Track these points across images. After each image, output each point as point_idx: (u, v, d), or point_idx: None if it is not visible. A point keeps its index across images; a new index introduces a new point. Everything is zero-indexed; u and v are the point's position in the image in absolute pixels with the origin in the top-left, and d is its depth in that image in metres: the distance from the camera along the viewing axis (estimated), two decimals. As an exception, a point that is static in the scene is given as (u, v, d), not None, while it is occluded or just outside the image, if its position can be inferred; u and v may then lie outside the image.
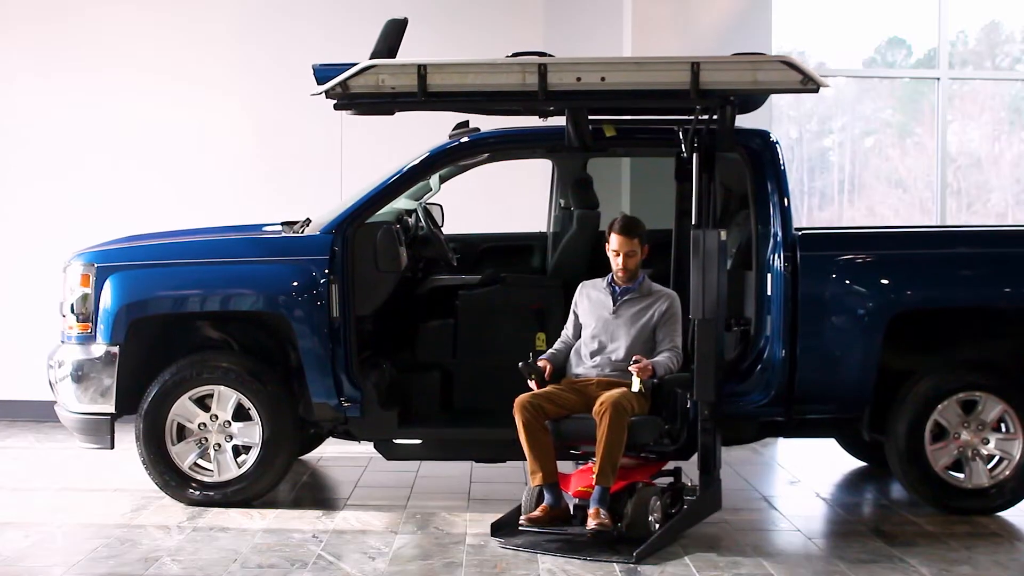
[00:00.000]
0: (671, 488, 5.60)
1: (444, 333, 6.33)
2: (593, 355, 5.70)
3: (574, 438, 5.50)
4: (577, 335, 5.83)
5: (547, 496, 5.40)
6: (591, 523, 5.22)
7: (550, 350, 5.83)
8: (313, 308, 5.75)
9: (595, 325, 5.74)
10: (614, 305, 5.73)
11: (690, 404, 5.50)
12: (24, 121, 8.59)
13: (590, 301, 5.82)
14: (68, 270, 6.04)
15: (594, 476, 5.31)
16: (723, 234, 5.43)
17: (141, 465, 5.95)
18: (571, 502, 5.42)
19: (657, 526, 5.30)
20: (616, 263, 5.72)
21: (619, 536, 5.26)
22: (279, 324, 5.93)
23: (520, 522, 5.38)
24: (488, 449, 6.05)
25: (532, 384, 5.57)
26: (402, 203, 6.57)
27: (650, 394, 5.47)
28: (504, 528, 5.49)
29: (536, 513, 5.37)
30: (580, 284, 5.92)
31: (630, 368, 5.42)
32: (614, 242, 5.70)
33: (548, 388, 5.56)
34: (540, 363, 5.63)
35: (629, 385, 5.39)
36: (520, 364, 5.55)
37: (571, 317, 5.88)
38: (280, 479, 6.01)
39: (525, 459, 5.40)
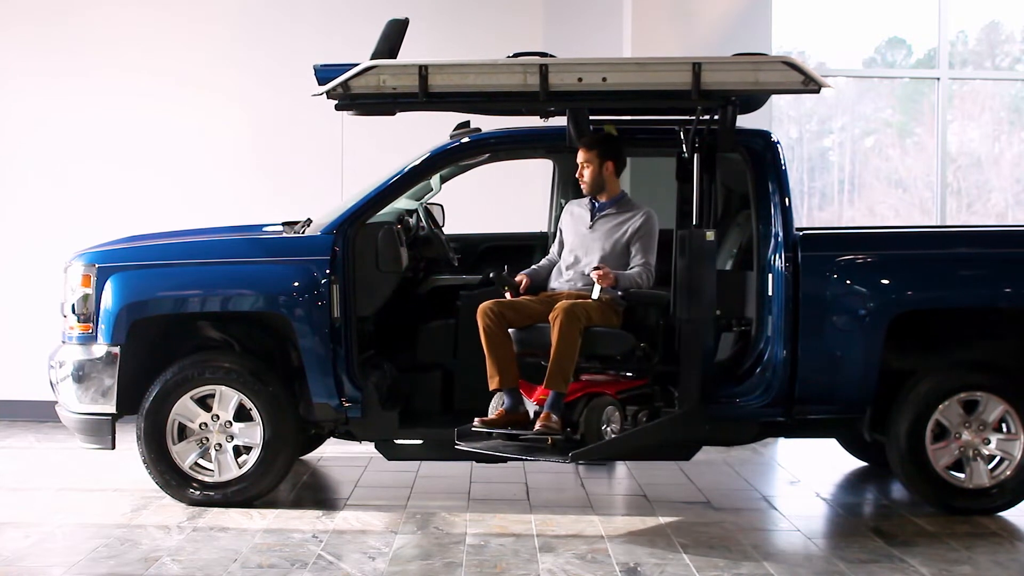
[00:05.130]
0: (649, 406, 5.60)
1: (445, 333, 6.33)
2: (568, 268, 5.82)
3: (534, 347, 5.57)
4: (561, 252, 5.93)
5: (506, 400, 5.53)
6: (538, 425, 5.34)
7: (534, 266, 5.97)
8: (314, 308, 5.75)
9: (573, 239, 5.86)
10: (591, 220, 5.81)
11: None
12: (25, 122, 8.59)
13: (572, 217, 5.95)
14: (69, 270, 6.03)
15: (545, 381, 5.38)
16: (710, 235, 5.44)
17: (142, 465, 5.94)
18: (532, 408, 5.51)
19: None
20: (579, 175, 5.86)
21: (572, 443, 5.33)
22: (280, 324, 5.93)
23: (474, 424, 5.49)
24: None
25: (507, 295, 5.69)
26: (403, 203, 6.56)
27: (622, 310, 5.51)
28: (467, 435, 5.57)
29: (492, 416, 5.50)
30: (568, 202, 6.02)
31: (591, 273, 5.47)
32: (578, 155, 5.82)
33: (518, 298, 5.67)
34: (518, 277, 5.77)
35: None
36: (492, 274, 5.67)
37: (557, 235, 6.01)
38: (281, 479, 6.00)
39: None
